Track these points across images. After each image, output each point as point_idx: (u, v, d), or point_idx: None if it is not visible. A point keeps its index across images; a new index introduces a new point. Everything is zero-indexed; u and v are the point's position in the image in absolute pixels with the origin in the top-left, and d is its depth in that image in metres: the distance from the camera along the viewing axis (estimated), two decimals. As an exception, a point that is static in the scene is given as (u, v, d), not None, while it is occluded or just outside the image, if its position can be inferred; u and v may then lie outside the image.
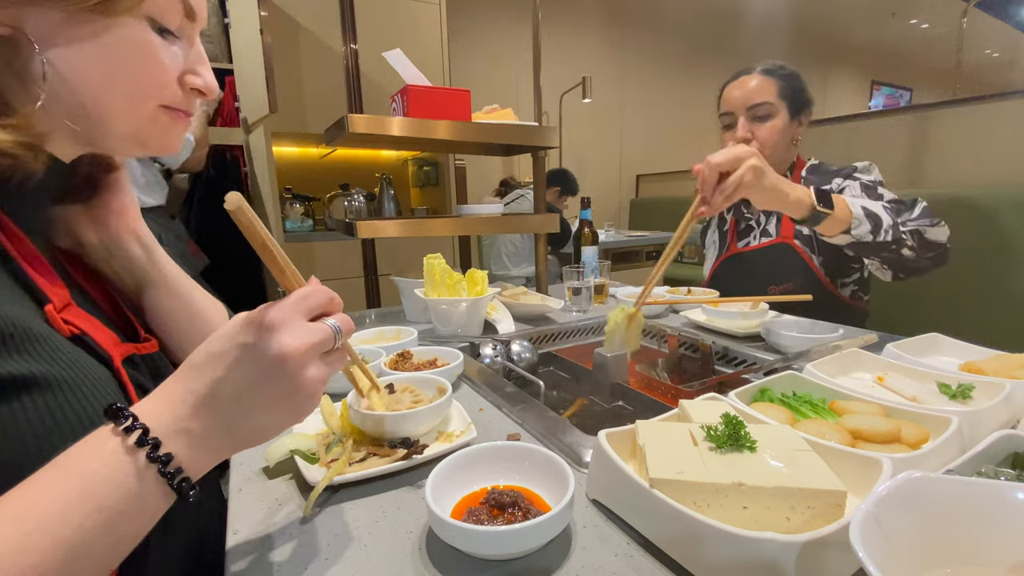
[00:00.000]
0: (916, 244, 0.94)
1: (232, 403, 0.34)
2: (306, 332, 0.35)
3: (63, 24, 0.37)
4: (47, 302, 0.39)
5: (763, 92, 1.15)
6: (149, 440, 0.31)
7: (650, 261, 3.51)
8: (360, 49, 2.19)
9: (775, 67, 1.18)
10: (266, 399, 0.34)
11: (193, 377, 0.34)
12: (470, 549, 0.39)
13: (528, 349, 0.96)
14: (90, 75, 0.39)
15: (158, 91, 0.42)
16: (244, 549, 0.42)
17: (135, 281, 0.54)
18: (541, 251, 1.35)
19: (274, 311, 0.34)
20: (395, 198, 2.59)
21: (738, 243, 1.31)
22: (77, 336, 0.40)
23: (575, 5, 4.20)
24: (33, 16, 0.36)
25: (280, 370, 0.34)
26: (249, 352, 0.33)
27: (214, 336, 0.35)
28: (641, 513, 0.42)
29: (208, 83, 0.45)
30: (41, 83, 0.37)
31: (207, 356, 0.34)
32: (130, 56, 0.40)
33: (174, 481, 0.32)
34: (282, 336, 0.34)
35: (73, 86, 0.38)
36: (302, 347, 0.34)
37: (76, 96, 0.39)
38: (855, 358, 0.72)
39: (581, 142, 4.44)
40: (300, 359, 0.34)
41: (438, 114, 1.07)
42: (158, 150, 0.46)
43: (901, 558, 0.29)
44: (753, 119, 1.16)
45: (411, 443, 0.55)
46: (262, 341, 0.33)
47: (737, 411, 0.54)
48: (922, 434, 0.50)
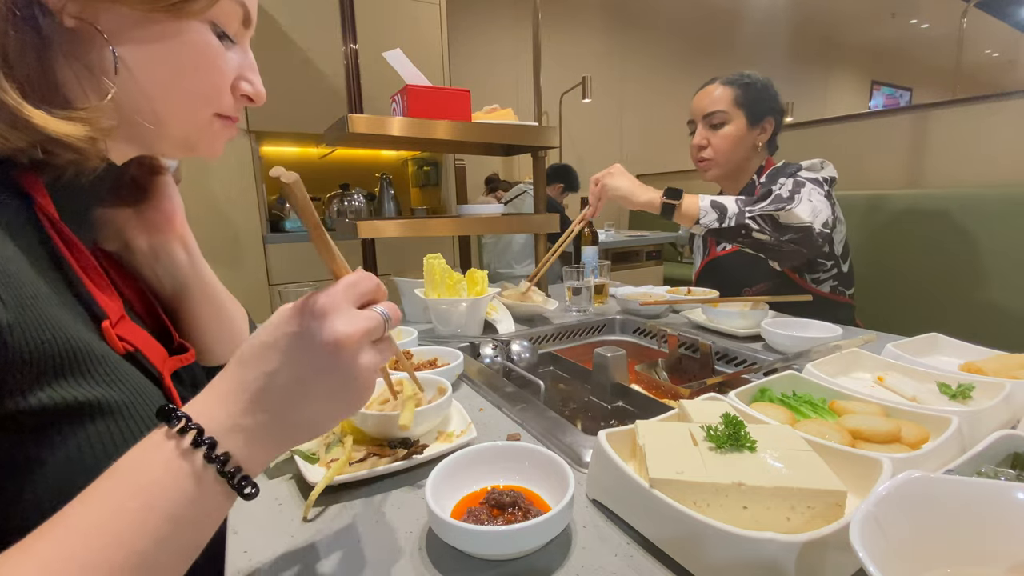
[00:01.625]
0: (770, 228, 1.00)
1: (286, 394, 0.32)
2: (358, 318, 0.34)
3: (135, 22, 0.37)
4: (103, 317, 0.39)
5: (718, 101, 1.22)
6: (205, 441, 0.30)
7: (650, 261, 3.51)
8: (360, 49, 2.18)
9: (737, 77, 1.23)
10: (321, 388, 0.33)
11: (244, 372, 0.32)
12: (470, 549, 0.39)
13: (528, 349, 0.96)
14: (157, 74, 0.39)
15: (216, 96, 0.43)
16: (244, 549, 0.42)
17: (175, 286, 0.54)
18: (541, 251, 1.35)
19: (324, 297, 0.33)
20: (395, 198, 2.59)
21: (716, 247, 1.35)
22: (131, 354, 0.40)
23: (575, 5, 4.20)
24: (107, 11, 0.36)
25: (335, 357, 0.33)
26: (301, 340, 0.32)
27: (262, 328, 0.34)
28: (641, 513, 0.42)
29: (258, 91, 0.46)
30: (112, 76, 0.37)
31: (257, 347, 0.33)
32: (195, 58, 0.41)
33: (234, 480, 0.31)
34: (335, 322, 0.33)
35: (140, 83, 0.39)
36: (355, 333, 0.33)
37: (142, 94, 0.39)
38: (855, 358, 0.72)
39: (581, 142, 4.44)
40: (354, 346, 0.33)
41: (438, 114, 1.07)
42: (206, 155, 0.46)
43: (901, 558, 0.29)
44: (709, 126, 1.24)
45: (411, 443, 0.55)
46: (315, 328, 0.32)
47: (737, 411, 0.54)
48: (922, 434, 0.50)
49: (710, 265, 1.37)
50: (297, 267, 2.26)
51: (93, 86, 0.38)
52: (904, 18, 5.82)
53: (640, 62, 4.70)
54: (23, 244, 0.35)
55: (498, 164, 3.86)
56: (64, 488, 0.30)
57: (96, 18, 0.36)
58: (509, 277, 2.76)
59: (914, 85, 6.84)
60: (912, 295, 1.29)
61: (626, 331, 1.18)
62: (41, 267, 0.36)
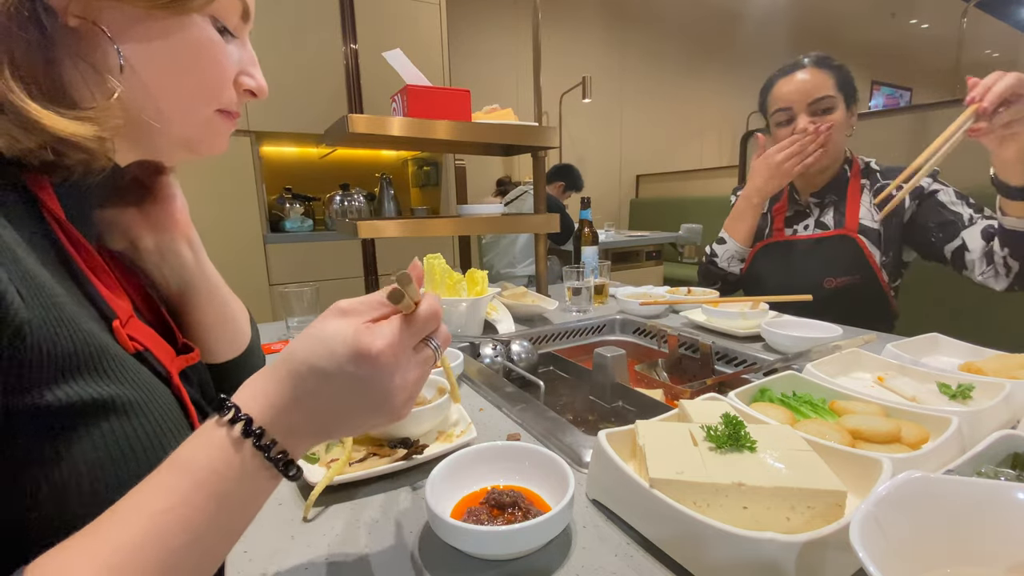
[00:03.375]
0: None
1: (328, 417, 0.34)
2: (415, 367, 0.36)
3: (136, 19, 0.37)
4: (113, 317, 0.39)
5: (824, 86, 1.12)
6: (253, 431, 0.32)
7: (650, 261, 3.51)
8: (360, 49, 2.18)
9: (826, 57, 1.14)
10: (367, 420, 0.36)
11: (295, 384, 0.33)
12: (470, 549, 0.39)
13: (528, 349, 0.96)
14: (160, 71, 0.39)
15: (218, 91, 0.43)
16: (244, 549, 0.42)
17: (180, 285, 0.54)
18: (541, 251, 1.35)
19: (386, 345, 0.34)
20: (395, 198, 2.59)
21: (785, 231, 1.25)
22: (140, 353, 0.40)
23: (575, 5, 4.20)
24: (109, 10, 0.37)
25: (387, 403, 0.35)
26: (359, 385, 0.34)
27: (320, 346, 0.34)
28: (641, 513, 0.42)
29: (260, 84, 0.46)
30: (118, 75, 0.37)
31: (311, 370, 0.33)
32: (197, 53, 0.41)
33: (279, 464, 0.33)
34: (395, 378, 0.34)
35: (144, 81, 0.39)
36: (410, 384, 0.36)
37: (145, 91, 0.39)
38: (855, 358, 0.72)
39: (581, 142, 4.44)
40: (408, 393, 0.36)
41: (438, 114, 1.07)
42: (208, 152, 0.46)
43: (901, 558, 0.29)
44: (817, 113, 1.12)
45: (411, 443, 0.55)
46: (374, 380, 0.34)
47: (737, 411, 0.54)
48: (922, 434, 0.50)
49: (773, 247, 1.26)
50: (297, 267, 2.26)
51: (98, 85, 0.38)
52: (904, 18, 5.82)
53: (640, 62, 4.70)
54: (33, 244, 0.35)
55: (498, 164, 3.86)
56: (80, 484, 0.30)
57: (99, 17, 0.36)
58: (510, 277, 2.76)
59: (914, 85, 6.84)
60: (912, 295, 1.29)
61: (626, 331, 1.18)
62: (51, 267, 0.36)
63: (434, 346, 0.38)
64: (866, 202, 1.16)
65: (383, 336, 0.34)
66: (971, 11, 3.75)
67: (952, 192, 1.08)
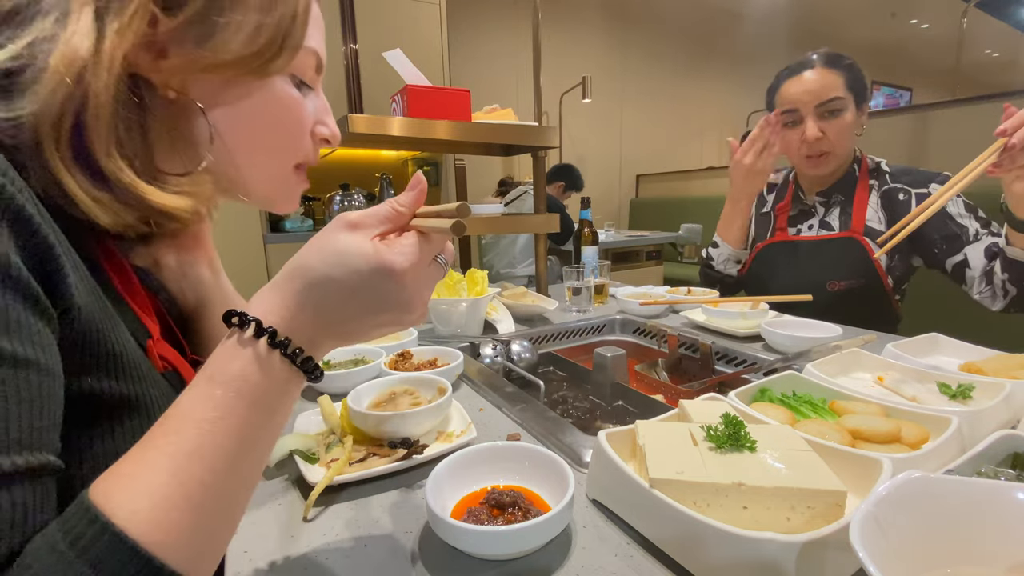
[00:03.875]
0: None
1: (349, 328, 0.36)
2: (431, 280, 0.38)
3: (222, 87, 0.39)
4: (148, 336, 0.42)
5: (834, 87, 1.08)
6: (280, 342, 0.33)
7: (650, 261, 3.51)
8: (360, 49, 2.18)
9: (837, 57, 1.11)
10: (383, 330, 0.38)
11: (314, 297, 0.34)
12: (470, 549, 0.39)
13: (528, 349, 0.96)
14: (245, 133, 0.42)
15: (297, 146, 0.45)
16: (244, 549, 0.42)
17: (197, 300, 0.56)
18: (541, 251, 1.35)
19: (409, 264, 0.35)
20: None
21: (789, 230, 1.23)
22: (168, 372, 0.43)
23: (575, 5, 4.20)
24: (196, 81, 0.38)
25: (407, 314, 0.37)
26: (382, 299, 0.35)
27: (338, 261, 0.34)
28: (641, 513, 0.42)
29: (334, 132, 0.48)
30: (208, 145, 0.40)
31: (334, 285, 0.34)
32: (280, 113, 0.43)
33: (306, 368, 0.34)
34: (417, 291, 0.36)
35: (229, 145, 0.41)
36: (426, 295, 0.38)
37: (230, 155, 0.41)
38: (855, 358, 0.72)
39: (581, 142, 4.44)
40: (424, 304, 0.38)
41: (438, 114, 1.07)
42: (283, 210, 0.49)
43: (901, 558, 0.29)
44: (824, 115, 1.09)
45: (411, 443, 0.55)
46: (398, 294, 0.35)
47: (737, 411, 0.54)
48: (922, 434, 0.50)
49: (776, 247, 1.24)
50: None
51: (189, 156, 0.40)
52: (904, 18, 5.82)
53: (640, 62, 4.70)
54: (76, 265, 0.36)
55: (498, 164, 3.86)
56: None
57: (190, 88, 0.38)
58: (510, 277, 2.76)
59: (914, 85, 6.84)
60: (912, 295, 1.29)
61: (626, 331, 1.18)
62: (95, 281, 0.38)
63: (443, 260, 0.39)
64: (874, 203, 1.14)
65: (404, 255, 0.35)
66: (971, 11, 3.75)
67: (961, 203, 1.06)
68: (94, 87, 0.33)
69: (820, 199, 1.20)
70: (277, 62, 0.40)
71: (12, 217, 0.29)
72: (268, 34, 0.39)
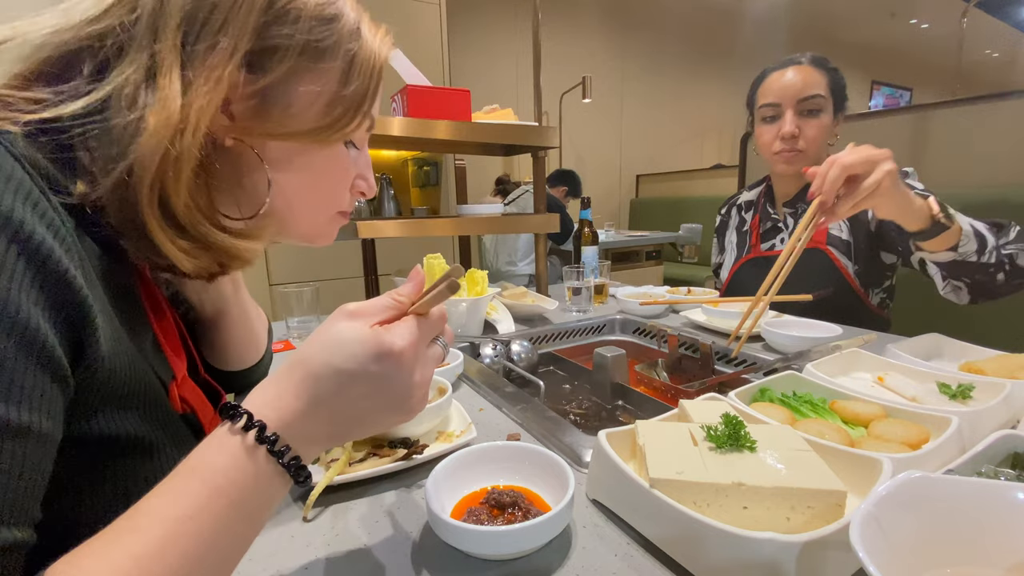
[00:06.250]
0: (1010, 269, 0.86)
1: (348, 419, 0.35)
2: (430, 363, 0.37)
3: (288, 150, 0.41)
4: (171, 378, 0.42)
5: (816, 84, 1.07)
6: (267, 437, 0.32)
7: (650, 261, 3.51)
8: (360, 49, 2.18)
9: (823, 59, 1.11)
10: (386, 418, 0.36)
11: (312, 387, 0.33)
12: (470, 549, 0.39)
13: (528, 349, 0.96)
14: (299, 187, 0.43)
15: (341, 198, 0.47)
16: (244, 549, 0.42)
17: (215, 311, 0.57)
18: (541, 251, 1.35)
19: (407, 344, 0.35)
20: (395, 198, 2.59)
21: (761, 245, 1.23)
22: (187, 414, 0.43)
23: (575, 5, 4.20)
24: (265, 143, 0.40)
25: (407, 400, 0.36)
26: (381, 383, 0.34)
27: (337, 348, 0.34)
28: (641, 513, 0.42)
29: (371, 185, 0.50)
30: (266, 193, 0.41)
31: (333, 372, 0.33)
32: (331, 171, 0.45)
33: (291, 470, 0.33)
34: (415, 374, 0.35)
35: (284, 195, 0.42)
36: (428, 380, 0.37)
37: (283, 203, 0.43)
38: (855, 358, 0.72)
39: (581, 142, 4.44)
40: (424, 390, 0.37)
41: (438, 114, 1.07)
42: (319, 245, 0.50)
43: (901, 558, 0.29)
44: (801, 113, 1.08)
45: (411, 443, 0.55)
46: (397, 377, 0.34)
47: (737, 411, 0.54)
48: (922, 434, 0.50)
49: (752, 264, 1.25)
50: (297, 267, 2.26)
51: (247, 202, 0.41)
52: (904, 18, 5.82)
53: (640, 62, 4.70)
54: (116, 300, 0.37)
55: (498, 164, 3.86)
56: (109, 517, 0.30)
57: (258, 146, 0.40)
58: (511, 276, 2.76)
59: (914, 85, 6.84)
60: (912, 295, 1.29)
61: (626, 331, 1.18)
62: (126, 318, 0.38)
63: (442, 343, 0.39)
64: None
65: (402, 336, 0.35)
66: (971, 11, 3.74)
67: None
68: (180, 146, 0.34)
69: (788, 210, 1.20)
70: (344, 131, 0.42)
71: (54, 280, 0.29)
72: (343, 107, 0.41)
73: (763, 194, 1.28)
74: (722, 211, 1.43)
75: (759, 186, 1.32)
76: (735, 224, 1.36)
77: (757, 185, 1.34)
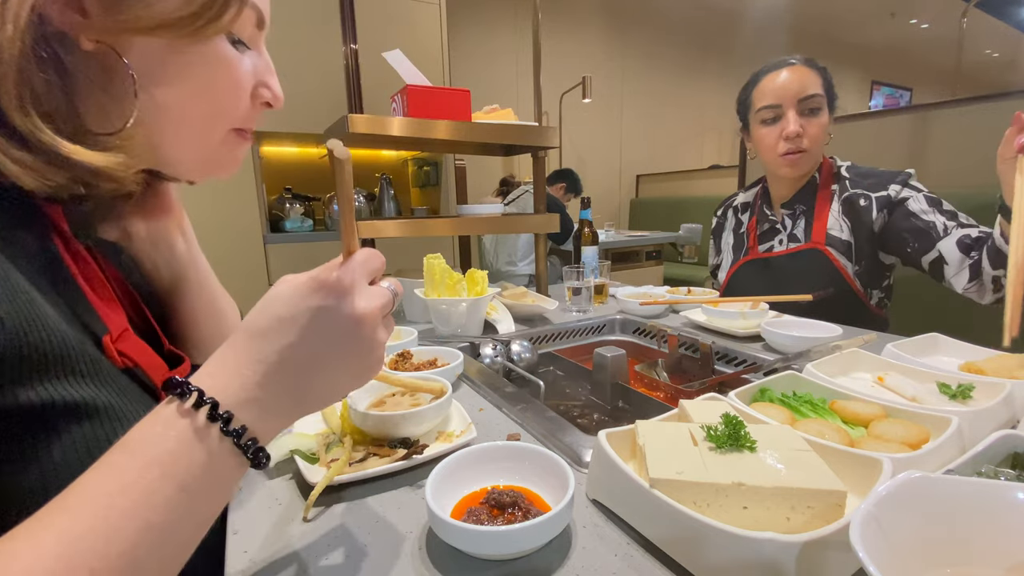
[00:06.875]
0: None
1: (304, 368, 0.33)
2: (375, 294, 0.35)
3: (155, 48, 0.36)
4: (104, 332, 0.38)
5: (813, 84, 1.09)
6: (220, 415, 0.30)
7: (650, 261, 3.51)
8: (360, 49, 2.18)
9: (812, 60, 1.12)
10: (340, 361, 0.34)
11: (260, 344, 0.32)
12: (470, 549, 0.39)
13: (528, 349, 0.96)
14: (176, 93, 0.38)
15: (235, 109, 0.42)
16: (244, 549, 0.42)
17: (171, 276, 0.53)
18: (540, 251, 1.35)
19: (343, 273, 0.34)
20: (395, 198, 2.59)
21: (759, 247, 1.24)
22: (129, 369, 0.39)
23: (575, 5, 4.20)
24: (127, 42, 0.36)
25: (357, 331, 0.34)
26: (326, 314, 0.33)
27: (275, 301, 0.33)
28: (641, 513, 0.42)
29: (276, 95, 0.44)
30: (133, 100, 0.37)
31: (275, 321, 0.32)
32: (213, 74, 0.39)
33: (249, 452, 0.31)
34: (356, 299, 0.34)
35: (159, 103, 0.38)
36: (375, 309, 0.35)
37: (162, 114, 0.38)
38: (855, 358, 0.72)
39: (581, 142, 4.44)
40: (373, 320, 0.35)
41: (438, 114, 1.07)
42: (221, 175, 0.45)
43: (901, 558, 0.29)
44: (802, 113, 1.09)
45: (411, 443, 0.55)
46: (337, 303, 0.33)
47: (737, 411, 0.54)
48: (922, 434, 0.50)
49: (750, 265, 1.25)
50: (297, 267, 2.22)
51: (116, 113, 0.37)
52: (904, 18, 5.82)
53: (640, 62, 4.70)
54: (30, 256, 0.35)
55: (498, 164, 3.86)
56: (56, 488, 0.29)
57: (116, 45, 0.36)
58: (511, 276, 2.76)
59: (914, 85, 6.84)
60: (912, 295, 1.29)
61: (626, 331, 1.18)
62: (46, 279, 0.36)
63: (390, 287, 0.38)
64: (835, 211, 1.13)
65: (331, 268, 0.34)
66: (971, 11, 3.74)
67: (923, 199, 1.05)
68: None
69: (786, 211, 1.20)
70: (218, 23, 0.37)
71: None
72: None
73: (759, 196, 1.28)
74: (718, 213, 1.43)
75: (755, 188, 1.33)
76: (731, 226, 1.36)
77: (753, 187, 1.34)
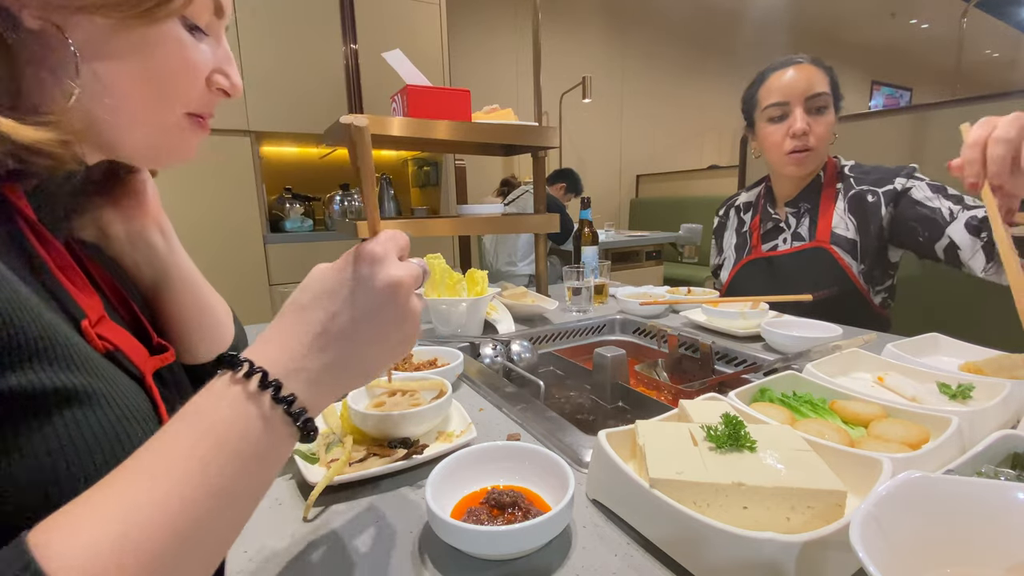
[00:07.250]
0: None
1: (346, 338, 0.35)
2: (406, 265, 0.38)
3: (103, 28, 0.36)
4: (82, 317, 0.38)
5: (820, 82, 1.08)
6: (271, 383, 0.31)
7: (650, 261, 3.51)
8: (360, 49, 2.18)
9: (818, 59, 1.11)
10: (379, 330, 0.36)
11: (304, 317, 0.34)
12: (470, 549, 0.39)
13: (528, 349, 0.96)
14: (121, 73, 0.38)
15: (187, 94, 0.41)
16: (244, 549, 0.42)
17: (153, 274, 0.53)
18: (541, 251, 1.35)
19: (376, 246, 0.36)
20: (395, 198, 2.59)
21: (763, 246, 1.23)
22: (111, 353, 0.39)
23: (575, 5, 4.21)
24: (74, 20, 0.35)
25: (392, 298, 0.36)
26: (363, 283, 0.35)
27: (314, 280, 0.36)
28: (641, 513, 0.42)
29: (235, 83, 0.44)
30: (75, 78, 0.36)
31: (317, 294, 0.35)
32: (163, 56, 0.39)
33: (299, 421, 0.32)
34: (389, 267, 0.36)
35: (105, 84, 0.37)
36: (408, 276, 0.37)
37: (108, 94, 0.38)
38: (855, 358, 0.72)
39: (581, 142, 4.44)
40: (408, 288, 0.37)
41: (438, 114, 1.07)
42: (176, 160, 0.45)
43: (901, 558, 0.29)
44: (809, 111, 1.08)
45: (411, 443, 0.55)
46: (373, 272, 0.35)
47: (737, 411, 0.54)
48: (922, 434, 0.50)
49: (753, 265, 1.24)
50: (297, 267, 2.26)
51: (59, 90, 0.36)
52: (904, 18, 5.82)
53: (640, 62, 4.70)
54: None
55: (498, 164, 3.86)
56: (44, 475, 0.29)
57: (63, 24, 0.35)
58: (511, 276, 2.76)
59: (914, 85, 6.84)
60: (912, 295, 1.29)
61: (626, 331, 1.18)
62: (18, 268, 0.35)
63: (419, 263, 0.40)
64: (840, 209, 1.13)
65: (366, 242, 0.36)
66: (971, 11, 3.75)
67: (926, 186, 1.05)
68: None
69: (790, 210, 1.20)
70: (167, 7, 0.36)
71: None
72: None
73: (762, 195, 1.28)
74: (720, 213, 1.43)
75: (757, 187, 1.32)
76: (734, 225, 1.35)
77: (755, 186, 1.33)
